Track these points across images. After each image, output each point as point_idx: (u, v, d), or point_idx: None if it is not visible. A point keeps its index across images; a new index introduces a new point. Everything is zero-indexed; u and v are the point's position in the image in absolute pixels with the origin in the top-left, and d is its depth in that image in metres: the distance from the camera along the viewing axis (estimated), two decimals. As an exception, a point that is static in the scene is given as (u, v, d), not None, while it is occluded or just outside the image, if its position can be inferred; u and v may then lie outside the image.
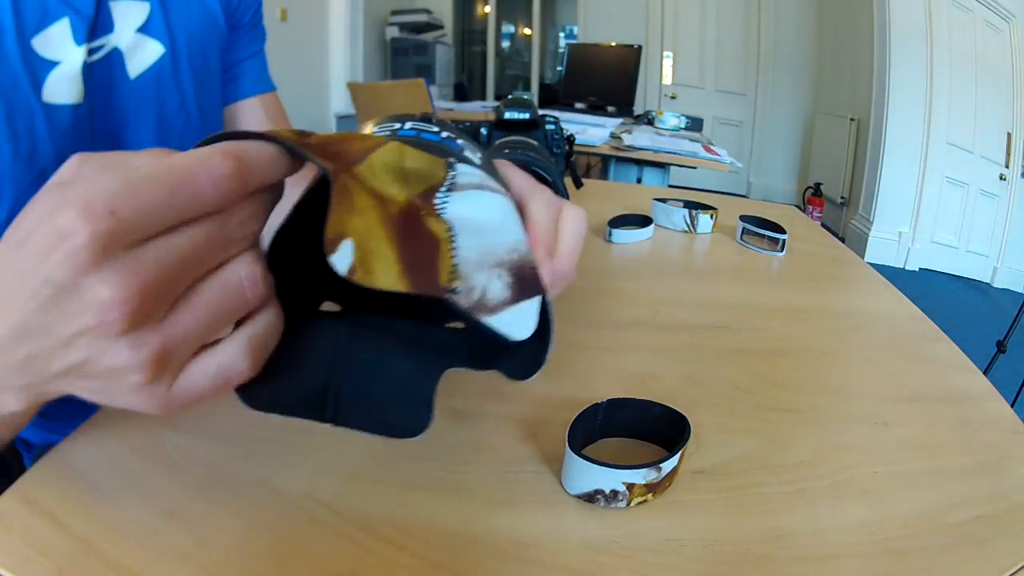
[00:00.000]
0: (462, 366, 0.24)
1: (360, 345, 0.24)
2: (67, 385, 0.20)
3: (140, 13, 0.45)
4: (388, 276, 0.17)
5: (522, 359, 0.23)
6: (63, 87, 0.41)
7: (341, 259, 0.17)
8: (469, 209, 0.21)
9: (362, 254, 0.17)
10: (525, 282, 0.20)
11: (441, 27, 4.38)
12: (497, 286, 0.19)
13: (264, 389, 0.21)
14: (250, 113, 0.59)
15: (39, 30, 0.39)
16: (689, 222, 0.67)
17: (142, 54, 0.45)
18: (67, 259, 0.17)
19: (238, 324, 0.21)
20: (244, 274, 0.20)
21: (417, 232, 0.19)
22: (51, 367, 0.19)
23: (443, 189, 0.21)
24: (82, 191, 0.17)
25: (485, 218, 0.21)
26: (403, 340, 0.25)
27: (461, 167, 0.22)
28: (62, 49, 0.40)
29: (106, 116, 0.44)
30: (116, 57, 0.44)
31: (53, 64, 0.40)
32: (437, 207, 0.20)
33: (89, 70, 0.42)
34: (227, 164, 0.18)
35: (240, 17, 0.55)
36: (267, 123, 0.59)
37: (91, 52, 0.42)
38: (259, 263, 0.20)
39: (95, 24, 0.42)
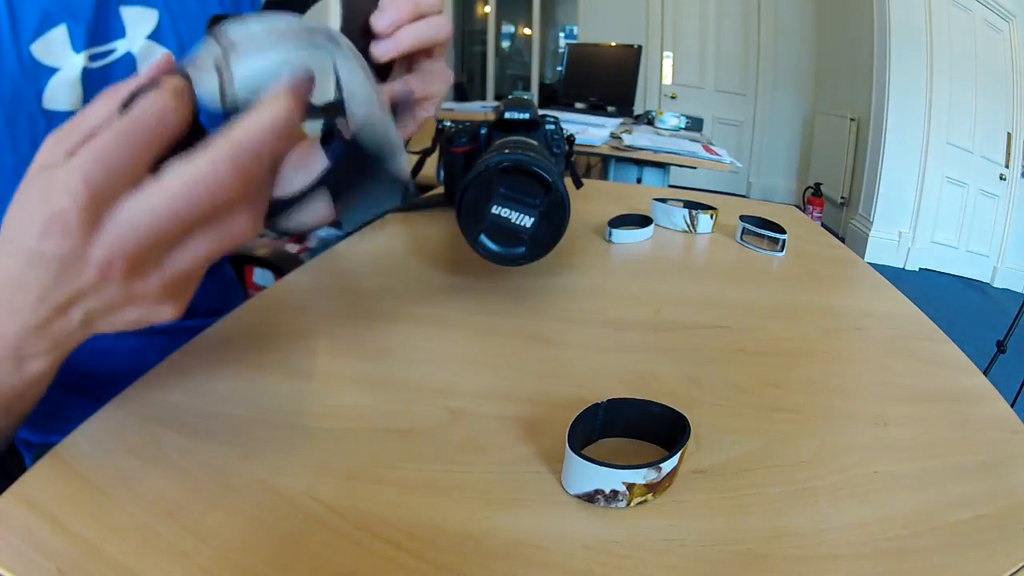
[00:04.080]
0: None
1: None
2: (94, 329, 0.25)
3: (150, 20, 0.45)
4: None
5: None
6: (63, 94, 0.40)
7: None
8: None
9: None
10: None
11: (441, 27, 4.37)
12: None
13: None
14: None
15: (37, 36, 0.39)
16: (689, 222, 0.67)
17: (152, 61, 0.45)
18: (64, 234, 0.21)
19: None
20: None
21: None
22: (73, 322, 0.24)
23: None
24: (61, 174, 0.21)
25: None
26: None
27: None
28: (61, 56, 0.40)
29: None
30: (128, 61, 0.44)
31: (53, 71, 0.40)
32: None
33: (90, 77, 0.42)
34: (169, 100, 0.22)
35: None
36: None
37: (92, 58, 0.42)
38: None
39: (95, 30, 0.42)
